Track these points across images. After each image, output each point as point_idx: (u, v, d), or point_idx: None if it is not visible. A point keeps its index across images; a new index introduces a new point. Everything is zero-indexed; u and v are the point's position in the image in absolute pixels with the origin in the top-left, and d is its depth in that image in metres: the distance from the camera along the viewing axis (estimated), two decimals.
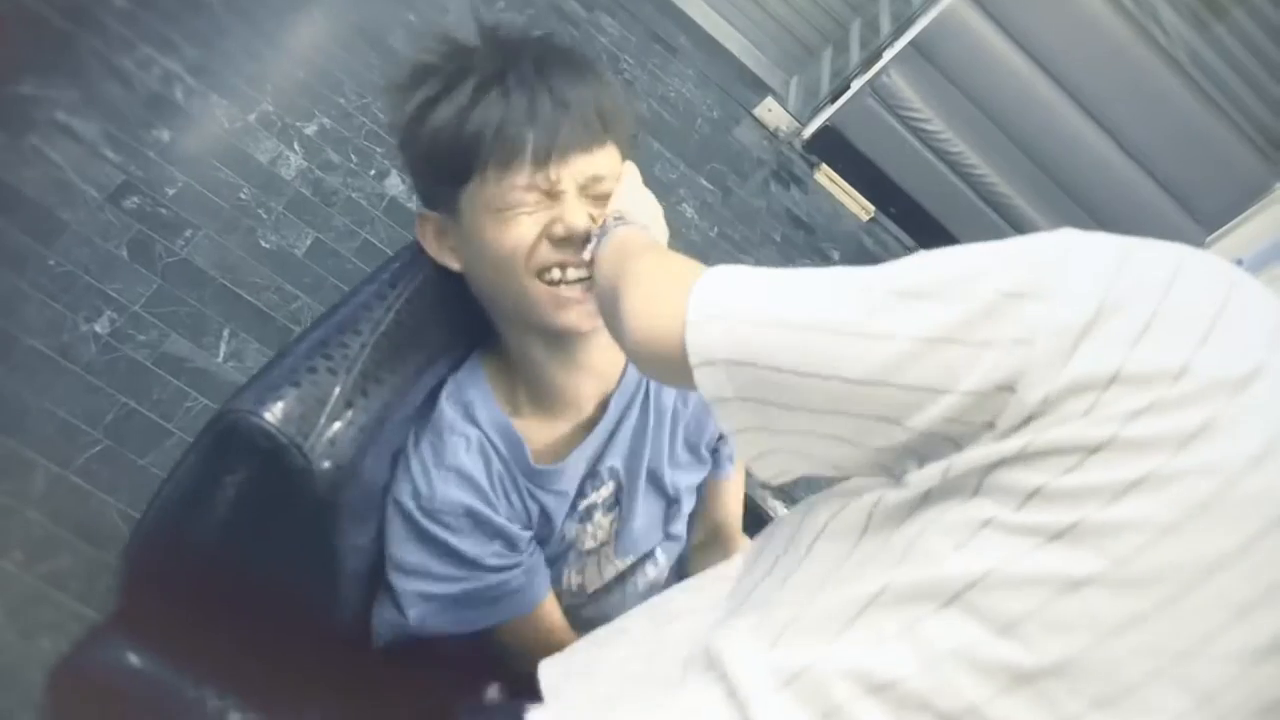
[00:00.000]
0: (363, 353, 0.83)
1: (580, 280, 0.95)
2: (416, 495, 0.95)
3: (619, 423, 1.09)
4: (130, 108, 2.15)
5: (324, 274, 2.19)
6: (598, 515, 1.11)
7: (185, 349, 1.87)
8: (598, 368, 1.06)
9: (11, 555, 1.48)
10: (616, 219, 0.93)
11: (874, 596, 0.60)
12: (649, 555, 1.19)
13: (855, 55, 4.24)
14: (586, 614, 1.14)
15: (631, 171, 1.02)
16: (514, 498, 1.01)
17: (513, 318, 1.00)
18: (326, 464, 0.76)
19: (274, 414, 0.73)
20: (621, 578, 1.18)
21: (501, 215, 0.92)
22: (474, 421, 0.99)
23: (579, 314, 0.96)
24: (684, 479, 1.17)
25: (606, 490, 1.11)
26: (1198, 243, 4.37)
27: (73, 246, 1.86)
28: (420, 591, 0.96)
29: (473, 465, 0.97)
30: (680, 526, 1.22)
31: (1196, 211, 4.41)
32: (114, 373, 1.75)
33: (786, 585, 0.68)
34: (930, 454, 0.60)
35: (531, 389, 1.05)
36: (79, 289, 1.81)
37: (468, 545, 0.96)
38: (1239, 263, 4.23)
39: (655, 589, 1.19)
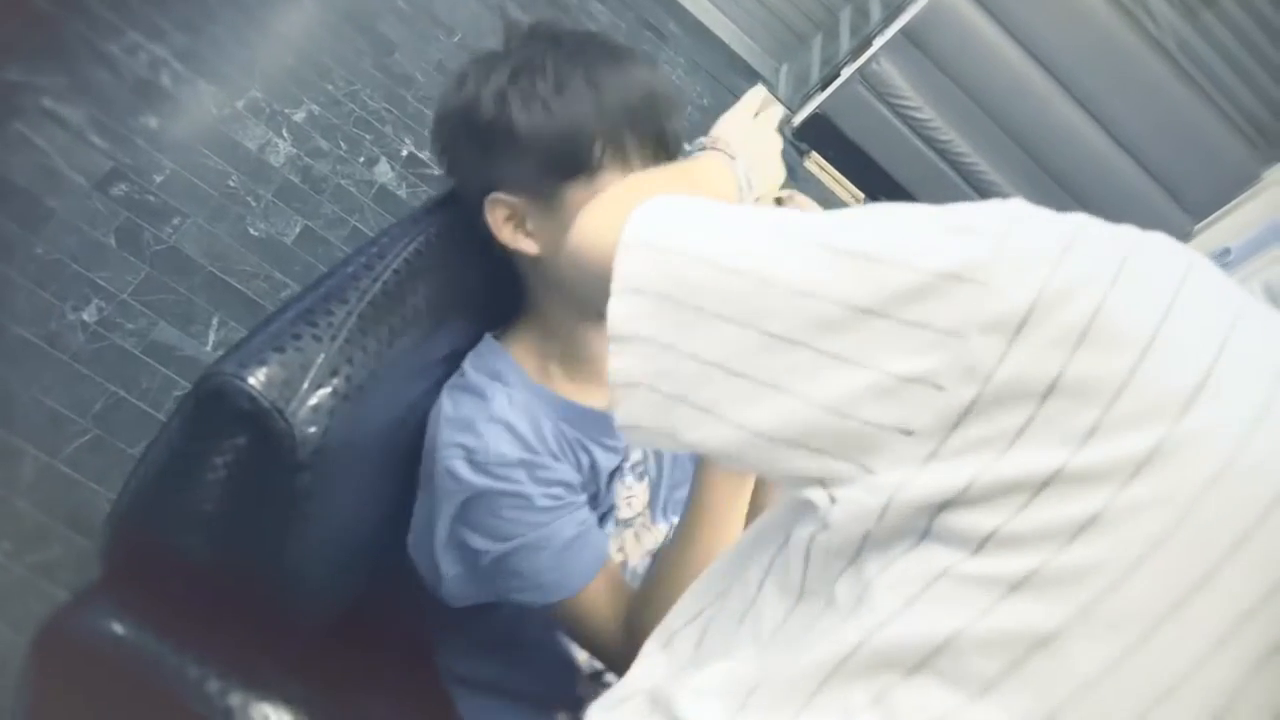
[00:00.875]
0: (348, 321, 0.82)
1: None
2: (468, 453, 0.93)
3: None
4: (118, 94, 2.14)
5: (313, 261, 2.18)
6: (630, 479, 1.10)
7: (174, 337, 1.86)
8: None
9: (0, 545, 1.48)
10: (707, 144, 0.90)
11: (837, 664, 0.55)
12: None
13: (845, 43, 4.24)
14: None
15: (752, 97, 1.00)
16: (564, 448, 1.00)
17: (587, 303, 0.98)
18: (309, 429, 0.75)
19: (257, 378, 0.73)
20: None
21: None
22: (509, 384, 0.99)
23: None
24: None
25: (636, 454, 1.10)
26: (1186, 231, 4.40)
27: (60, 234, 1.85)
28: (483, 551, 0.95)
29: (517, 418, 0.96)
30: None
31: (1185, 200, 4.43)
32: (102, 361, 1.75)
33: (742, 628, 0.63)
34: (832, 479, 0.55)
35: (568, 362, 1.05)
36: (67, 277, 1.80)
37: (530, 489, 0.95)
38: (1227, 251, 4.25)
39: None
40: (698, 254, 0.58)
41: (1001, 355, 0.49)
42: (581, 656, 1.10)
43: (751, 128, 0.96)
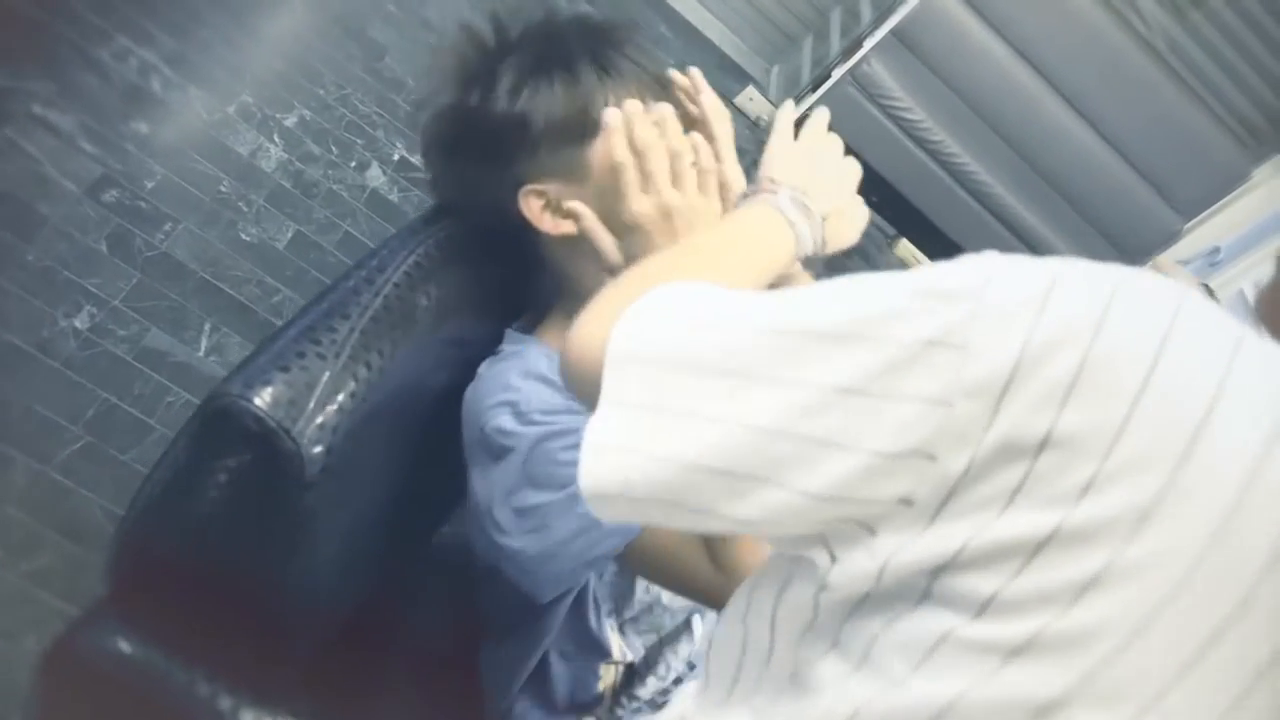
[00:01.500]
0: (351, 337, 0.83)
1: None
2: (511, 406, 0.93)
3: None
4: (107, 100, 2.13)
5: (305, 267, 2.18)
6: None
7: (166, 343, 1.86)
8: None
9: None
10: (750, 191, 0.87)
11: None
12: None
13: (836, 44, 4.24)
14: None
15: (784, 116, 0.97)
16: None
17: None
18: (316, 449, 0.76)
19: (263, 399, 0.73)
20: None
21: None
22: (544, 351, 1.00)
23: None
24: None
25: None
26: (1175, 230, 4.42)
27: (52, 241, 1.84)
28: (549, 506, 0.91)
29: (554, 373, 0.96)
30: None
31: (1174, 199, 4.44)
32: (94, 368, 1.74)
33: (767, 673, 0.63)
34: (838, 541, 0.54)
35: None
36: (58, 284, 1.80)
37: (578, 423, 0.90)
38: (1216, 250, 4.27)
39: None
40: (678, 359, 0.57)
41: (990, 418, 0.48)
42: (607, 680, 1.08)
43: (796, 149, 0.93)
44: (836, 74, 3.99)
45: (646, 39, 1.06)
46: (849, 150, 1.01)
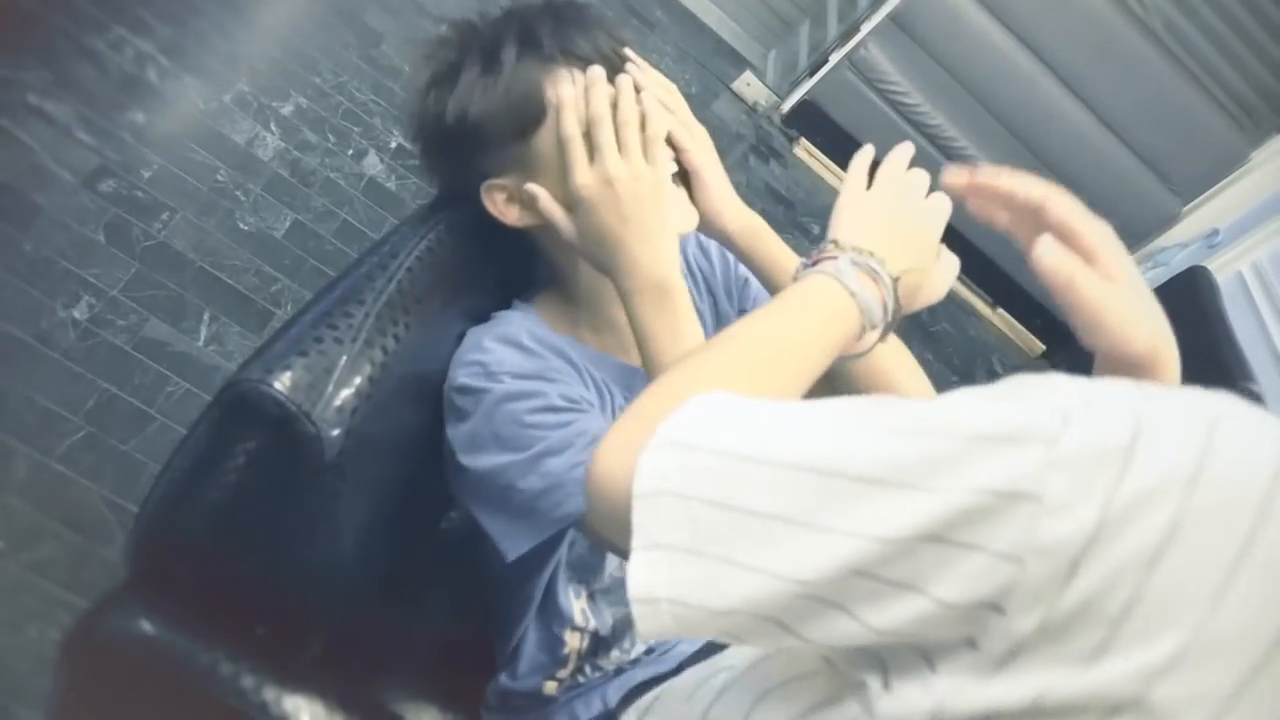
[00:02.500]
0: (367, 321, 0.84)
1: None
2: (481, 366, 0.95)
3: None
4: (103, 89, 2.12)
5: (304, 255, 2.17)
6: None
7: (165, 333, 1.85)
8: None
9: None
10: (810, 260, 0.79)
11: None
12: None
13: (833, 28, 4.23)
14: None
15: (859, 163, 0.90)
16: (589, 382, 1.02)
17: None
18: (335, 432, 0.76)
19: (283, 383, 0.74)
20: None
21: None
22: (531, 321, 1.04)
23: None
24: None
25: None
26: (1174, 213, 4.42)
27: (49, 231, 1.83)
28: (513, 465, 0.91)
29: (530, 339, 0.99)
30: None
31: (1173, 181, 4.44)
32: (94, 359, 1.73)
33: None
34: (896, 667, 0.50)
35: (595, 324, 1.08)
36: (56, 274, 1.79)
37: (547, 390, 0.94)
38: (1215, 233, 4.27)
39: None
40: (715, 496, 0.52)
41: (1066, 579, 0.43)
42: (572, 645, 1.08)
43: (866, 201, 0.85)
44: (834, 59, 3.98)
45: (607, 18, 1.05)
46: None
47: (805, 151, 4.16)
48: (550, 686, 1.07)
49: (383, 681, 1.06)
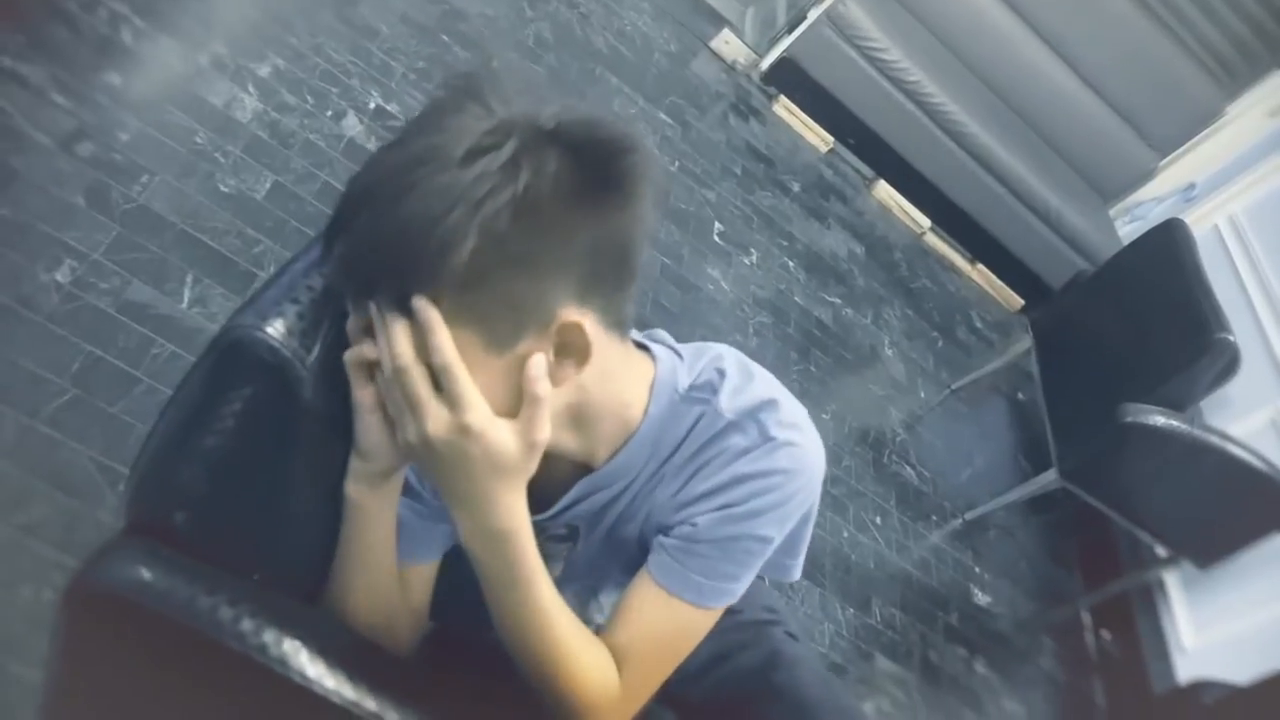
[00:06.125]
0: None
1: None
2: None
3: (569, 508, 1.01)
4: (78, 51, 2.10)
5: (285, 217, 2.17)
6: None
7: (148, 295, 1.85)
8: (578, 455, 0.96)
9: None
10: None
11: None
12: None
13: None
14: None
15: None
16: None
17: None
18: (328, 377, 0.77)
19: (276, 329, 0.74)
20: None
21: None
22: None
23: None
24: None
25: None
26: (1151, 168, 4.45)
27: (27, 195, 1.82)
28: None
29: None
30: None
31: (1150, 136, 4.47)
32: (77, 322, 1.73)
33: None
34: None
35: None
36: (36, 238, 1.78)
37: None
38: (1192, 187, 4.30)
39: None
40: None
41: None
42: None
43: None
44: (812, 15, 3.96)
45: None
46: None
47: (785, 109, 4.15)
48: None
49: None
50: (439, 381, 0.76)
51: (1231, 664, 2.70)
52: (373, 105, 2.60)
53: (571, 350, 0.79)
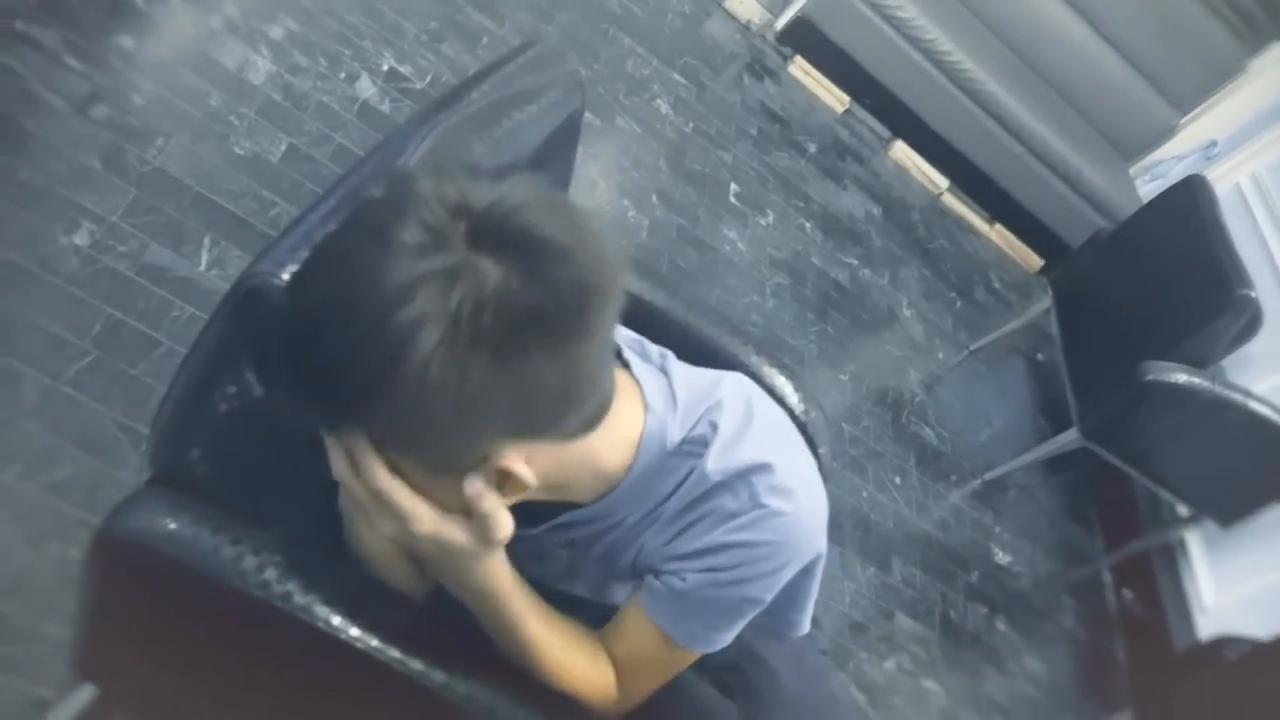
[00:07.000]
0: None
1: None
2: None
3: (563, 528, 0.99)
4: (89, 14, 2.08)
5: (301, 179, 2.16)
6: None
7: (167, 258, 1.85)
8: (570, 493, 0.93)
9: (12, 468, 1.49)
10: None
11: None
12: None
13: None
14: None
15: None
16: None
17: None
18: None
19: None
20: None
21: None
22: None
23: None
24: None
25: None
26: (1171, 125, 4.39)
27: (43, 158, 1.82)
28: None
29: None
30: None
31: (1170, 93, 4.40)
32: (97, 284, 1.74)
33: None
34: None
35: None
36: (54, 201, 1.78)
37: None
38: (1213, 144, 4.24)
39: None
40: None
41: None
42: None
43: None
44: None
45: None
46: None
47: (800, 70, 4.11)
48: None
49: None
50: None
51: (1254, 621, 2.70)
52: (386, 67, 2.58)
53: (512, 484, 0.76)
